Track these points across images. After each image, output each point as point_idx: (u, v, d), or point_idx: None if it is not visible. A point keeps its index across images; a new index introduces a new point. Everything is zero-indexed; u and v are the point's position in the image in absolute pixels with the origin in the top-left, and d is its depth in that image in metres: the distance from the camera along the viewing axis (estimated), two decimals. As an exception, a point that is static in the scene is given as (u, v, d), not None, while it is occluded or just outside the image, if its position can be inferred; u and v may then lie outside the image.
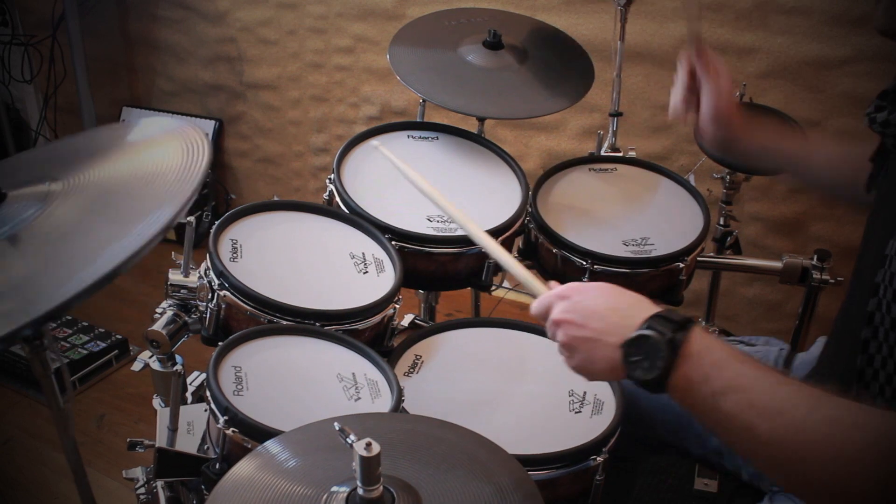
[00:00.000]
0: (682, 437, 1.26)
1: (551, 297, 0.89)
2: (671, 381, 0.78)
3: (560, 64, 1.62)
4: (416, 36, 1.60)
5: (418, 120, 1.67)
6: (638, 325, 0.80)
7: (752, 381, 0.76)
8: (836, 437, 0.71)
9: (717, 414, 0.76)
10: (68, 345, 2.35)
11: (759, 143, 1.23)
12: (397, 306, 1.23)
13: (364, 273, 1.26)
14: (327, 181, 1.40)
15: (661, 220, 1.44)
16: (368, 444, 0.70)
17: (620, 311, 0.84)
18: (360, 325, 1.17)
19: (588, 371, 0.86)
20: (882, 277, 0.85)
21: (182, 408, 1.29)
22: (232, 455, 0.99)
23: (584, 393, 1.16)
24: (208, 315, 1.17)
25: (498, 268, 1.39)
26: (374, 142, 1.14)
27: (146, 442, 1.28)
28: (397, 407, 1.04)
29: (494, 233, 1.34)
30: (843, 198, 1.28)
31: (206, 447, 1.09)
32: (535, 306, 0.91)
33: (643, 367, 0.78)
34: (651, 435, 1.28)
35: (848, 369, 0.90)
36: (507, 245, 1.41)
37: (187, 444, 1.24)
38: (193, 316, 1.24)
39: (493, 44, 1.55)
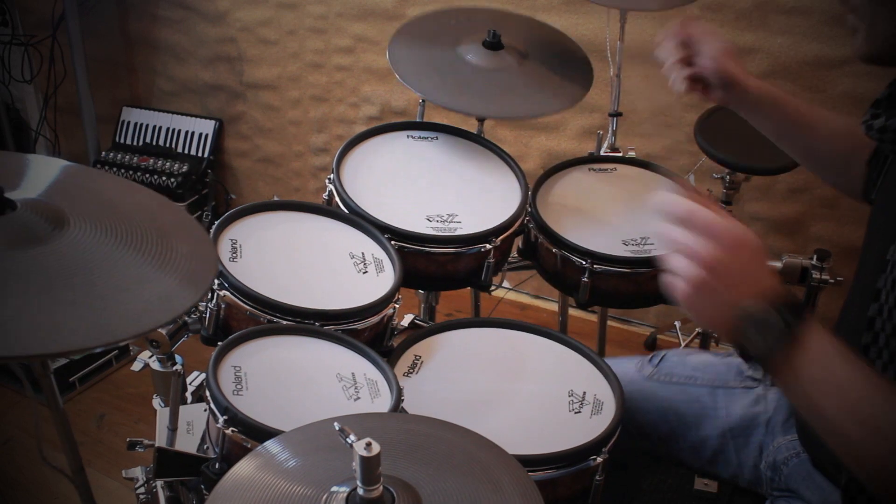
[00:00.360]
0: (678, 448, 1.26)
1: (704, 229, 0.80)
2: (776, 362, 0.78)
3: (560, 65, 1.62)
4: (415, 34, 1.60)
5: (418, 120, 1.67)
6: (761, 295, 0.78)
7: (858, 390, 0.76)
8: None
9: (814, 411, 0.78)
10: (68, 345, 2.35)
11: (758, 92, 1.18)
12: (397, 306, 1.23)
13: (363, 273, 1.26)
14: (327, 181, 1.40)
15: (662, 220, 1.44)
16: (368, 444, 0.70)
17: (757, 274, 0.80)
18: (360, 325, 1.17)
19: (709, 319, 0.83)
20: (883, 283, 0.85)
21: (182, 408, 1.29)
22: (232, 455, 0.99)
23: (584, 393, 1.16)
24: (208, 315, 1.17)
25: (498, 267, 1.39)
26: None
27: (146, 442, 1.27)
28: (397, 407, 1.04)
29: (494, 232, 1.34)
30: (832, 177, 1.24)
31: (205, 447, 1.09)
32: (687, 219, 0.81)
33: (754, 341, 0.78)
34: (646, 446, 1.28)
35: None
36: (507, 245, 1.41)
37: (187, 443, 1.24)
38: (193, 316, 1.24)
39: (493, 44, 1.55)
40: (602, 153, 1.74)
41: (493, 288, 1.41)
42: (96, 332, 0.78)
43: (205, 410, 1.04)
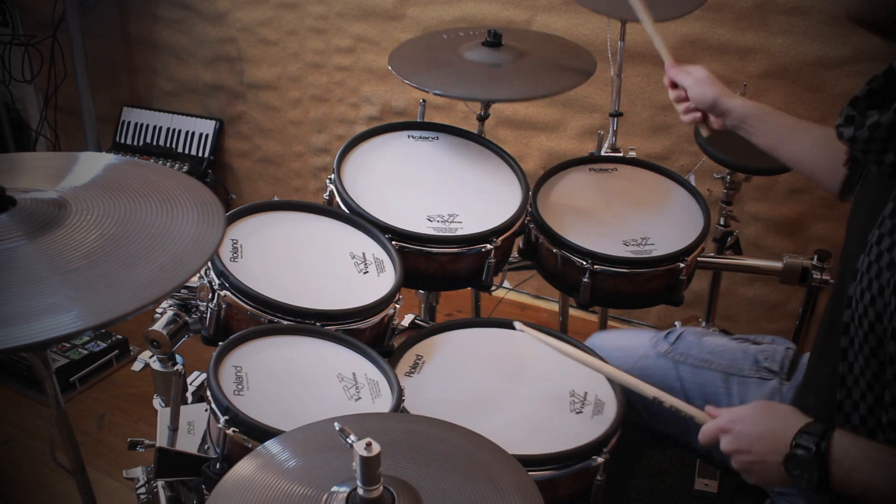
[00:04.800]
0: (687, 431, 1.26)
1: (715, 430, 1.02)
2: (831, 483, 0.90)
3: (561, 57, 1.61)
4: (413, 48, 1.60)
5: (418, 120, 1.67)
6: (790, 443, 0.92)
7: (884, 482, 0.88)
8: None
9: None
10: (69, 345, 2.35)
11: (742, 110, 1.27)
12: (398, 306, 1.23)
13: (364, 273, 1.26)
14: (328, 181, 1.40)
15: (662, 220, 1.44)
16: (369, 444, 0.70)
17: (775, 433, 0.95)
18: (361, 325, 1.17)
19: (766, 482, 1.01)
20: (861, 263, 0.91)
21: (182, 407, 1.29)
22: (232, 455, 0.99)
23: (585, 393, 1.16)
24: (208, 315, 1.17)
25: (498, 268, 1.39)
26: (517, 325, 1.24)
27: (146, 442, 1.28)
28: (398, 407, 1.04)
29: (495, 232, 1.34)
30: (820, 180, 1.29)
31: (206, 447, 1.09)
32: (703, 437, 1.04)
33: (805, 479, 0.90)
34: (656, 428, 1.28)
35: (834, 359, 0.96)
36: (508, 245, 1.41)
37: (188, 443, 1.24)
38: (194, 316, 1.24)
39: (493, 43, 1.55)
40: (602, 153, 1.75)
41: (493, 288, 1.41)
42: (98, 312, 0.78)
43: (206, 410, 1.04)
